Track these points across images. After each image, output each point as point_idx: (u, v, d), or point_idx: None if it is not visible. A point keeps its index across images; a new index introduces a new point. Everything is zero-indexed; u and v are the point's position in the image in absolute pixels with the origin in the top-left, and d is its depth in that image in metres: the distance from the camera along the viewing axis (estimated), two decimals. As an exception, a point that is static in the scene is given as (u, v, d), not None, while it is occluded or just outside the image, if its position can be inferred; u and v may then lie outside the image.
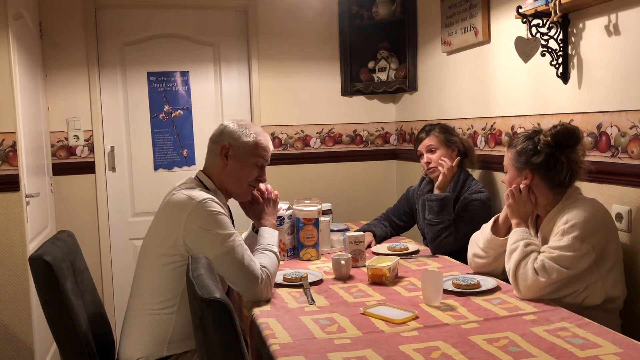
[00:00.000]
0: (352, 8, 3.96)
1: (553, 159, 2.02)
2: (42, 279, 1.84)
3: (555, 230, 1.96)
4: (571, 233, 1.90)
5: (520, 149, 2.06)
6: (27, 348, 2.85)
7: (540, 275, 1.88)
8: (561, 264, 1.88)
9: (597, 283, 1.93)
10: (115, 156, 3.78)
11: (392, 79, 3.94)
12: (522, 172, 2.06)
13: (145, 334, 1.96)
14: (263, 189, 2.33)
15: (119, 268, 3.77)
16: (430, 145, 2.80)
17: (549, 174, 2.03)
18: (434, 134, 2.81)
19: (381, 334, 1.68)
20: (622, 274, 1.99)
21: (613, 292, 1.95)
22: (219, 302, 1.37)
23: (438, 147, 2.78)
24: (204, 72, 3.90)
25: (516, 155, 2.08)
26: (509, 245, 2.01)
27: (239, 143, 2.12)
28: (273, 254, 2.10)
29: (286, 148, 4.00)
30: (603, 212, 2.00)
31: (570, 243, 1.88)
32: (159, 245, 1.99)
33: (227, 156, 2.12)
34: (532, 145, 2.04)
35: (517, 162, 2.08)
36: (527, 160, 2.04)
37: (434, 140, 2.80)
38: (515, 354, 1.50)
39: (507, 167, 2.14)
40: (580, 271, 1.90)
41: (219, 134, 2.16)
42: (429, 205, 2.65)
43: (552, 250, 1.90)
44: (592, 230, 1.90)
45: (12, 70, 2.75)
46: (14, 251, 2.80)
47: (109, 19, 3.74)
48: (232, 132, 2.14)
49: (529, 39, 2.34)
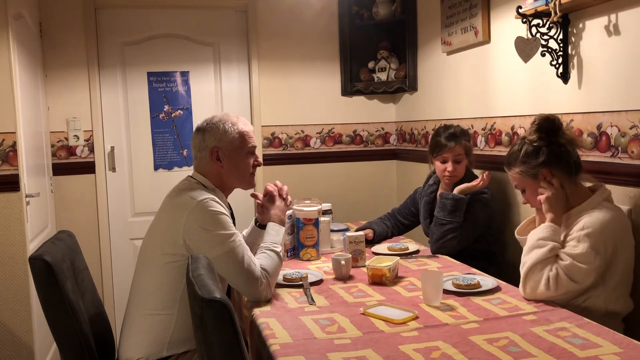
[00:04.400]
0: (352, 8, 3.96)
1: (554, 146, 2.00)
2: (42, 279, 1.84)
3: (572, 235, 1.92)
4: (586, 241, 1.86)
5: (523, 159, 2.02)
6: (27, 348, 2.85)
7: (551, 288, 1.85)
8: (573, 277, 1.85)
9: (601, 296, 1.90)
10: (115, 156, 3.78)
11: (392, 79, 3.94)
12: (538, 176, 2.01)
13: (145, 334, 1.96)
14: (279, 185, 2.35)
15: (119, 268, 3.77)
16: (459, 155, 2.71)
17: (561, 161, 1.99)
18: (463, 142, 2.71)
19: (381, 334, 1.68)
20: (627, 291, 1.96)
21: (615, 307, 1.92)
22: (219, 302, 1.37)
23: (464, 158, 2.72)
24: (204, 72, 3.90)
25: (523, 166, 2.02)
26: (534, 238, 1.94)
27: (226, 141, 2.10)
28: (275, 254, 2.09)
29: (286, 148, 4.00)
30: (623, 225, 1.95)
31: (585, 252, 1.85)
32: (160, 245, 1.99)
33: (220, 158, 2.10)
34: (530, 149, 2.02)
35: (529, 171, 2.02)
36: (535, 162, 2.00)
37: (462, 150, 2.71)
38: (515, 354, 1.50)
39: (523, 184, 2.06)
40: (588, 285, 1.88)
41: (200, 141, 2.11)
42: (442, 203, 2.61)
43: (566, 257, 1.87)
44: (605, 240, 1.87)
45: (12, 70, 2.75)
46: (14, 251, 2.80)
47: (109, 19, 3.74)
48: (213, 133, 2.10)
49: (529, 39, 2.34)
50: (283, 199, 2.33)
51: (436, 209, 2.66)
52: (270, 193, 2.33)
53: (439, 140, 2.73)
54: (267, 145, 3.96)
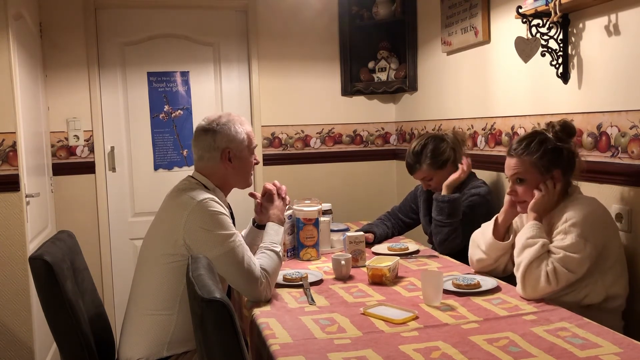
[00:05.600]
0: (352, 8, 3.96)
1: (568, 152, 2.03)
2: (42, 279, 1.84)
3: (557, 229, 1.96)
4: (573, 232, 1.90)
5: (543, 152, 2.02)
6: (27, 348, 2.85)
7: (551, 282, 1.87)
8: (569, 267, 1.87)
9: (598, 282, 1.93)
10: (115, 156, 3.78)
11: (392, 79, 3.94)
12: (547, 173, 2.02)
13: (145, 334, 1.96)
14: (278, 185, 2.35)
15: (119, 268, 3.77)
16: (425, 177, 2.76)
17: (570, 168, 2.04)
18: (424, 165, 2.73)
19: (381, 334, 1.68)
20: (623, 272, 1.99)
21: (613, 290, 1.95)
22: (219, 302, 1.37)
23: (433, 175, 2.74)
24: (204, 72, 3.90)
25: (538, 160, 2.02)
26: (524, 238, 1.97)
27: (237, 143, 2.12)
28: (275, 254, 2.09)
29: (286, 148, 4.00)
30: (602, 210, 2.00)
31: (575, 242, 1.88)
32: (160, 245, 1.99)
33: (230, 159, 2.11)
34: (551, 145, 2.03)
35: (543, 165, 2.02)
36: (554, 160, 2.02)
37: (426, 173, 2.74)
38: (515, 354, 1.50)
39: (527, 174, 2.04)
40: (584, 273, 1.90)
41: (211, 142, 2.10)
42: (439, 207, 2.61)
43: (558, 250, 1.90)
44: (592, 228, 1.91)
45: (12, 70, 2.75)
46: (14, 251, 2.80)
47: (109, 19, 3.74)
48: (225, 135, 2.10)
49: (529, 39, 2.34)
50: (282, 198, 2.33)
51: (434, 212, 2.66)
52: (269, 192, 2.33)
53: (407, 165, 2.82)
54: (267, 145, 3.96)
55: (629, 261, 2.07)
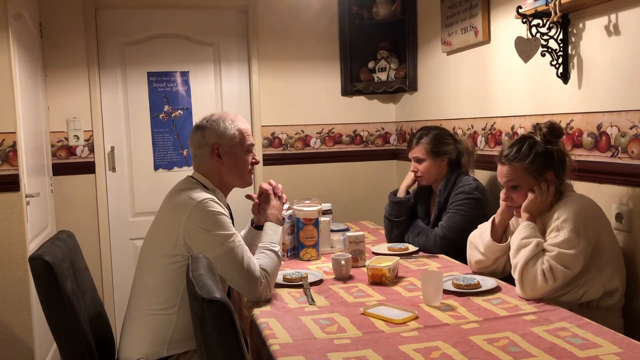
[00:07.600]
0: (352, 8, 3.96)
1: (558, 153, 2.05)
2: (42, 279, 1.84)
3: (550, 228, 1.97)
4: (565, 228, 1.91)
5: (534, 157, 2.03)
6: (27, 348, 2.85)
7: (549, 280, 1.87)
8: (564, 263, 1.88)
9: (595, 278, 1.94)
10: (115, 156, 3.78)
11: (392, 79, 3.94)
12: (540, 177, 2.03)
13: (145, 334, 1.96)
14: (274, 184, 2.35)
15: (119, 268, 3.76)
16: (417, 157, 2.78)
17: (562, 169, 2.05)
18: (422, 144, 2.76)
19: (381, 334, 1.68)
20: (620, 267, 1.99)
21: (611, 285, 1.95)
22: (219, 302, 1.38)
23: (425, 158, 2.75)
24: (204, 72, 3.90)
25: (530, 165, 2.03)
26: (518, 239, 1.98)
27: (226, 138, 2.11)
28: (274, 253, 2.09)
29: (286, 148, 4.00)
30: (593, 206, 2.01)
31: (568, 238, 1.89)
32: (160, 245, 1.99)
33: (220, 155, 2.11)
34: (541, 149, 2.04)
35: (536, 170, 2.03)
36: (544, 162, 2.03)
37: (421, 152, 2.76)
38: (515, 354, 1.50)
39: (521, 180, 2.06)
40: (580, 269, 1.91)
41: (200, 138, 2.12)
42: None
43: (552, 247, 1.91)
44: (584, 223, 1.92)
45: (12, 70, 2.75)
46: (14, 251, 2.80)
47: (109, 19, 3.74)
48: (214, 130, 2.11)
49: (529, 39, 2.34)
50: (278, 197, 2.33)
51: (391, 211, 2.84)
52: (265, 192, 2.33)
53: (409, 140, 2.90)
54: (267, 145, 3.96)
55: (629, 261, 2.07)
